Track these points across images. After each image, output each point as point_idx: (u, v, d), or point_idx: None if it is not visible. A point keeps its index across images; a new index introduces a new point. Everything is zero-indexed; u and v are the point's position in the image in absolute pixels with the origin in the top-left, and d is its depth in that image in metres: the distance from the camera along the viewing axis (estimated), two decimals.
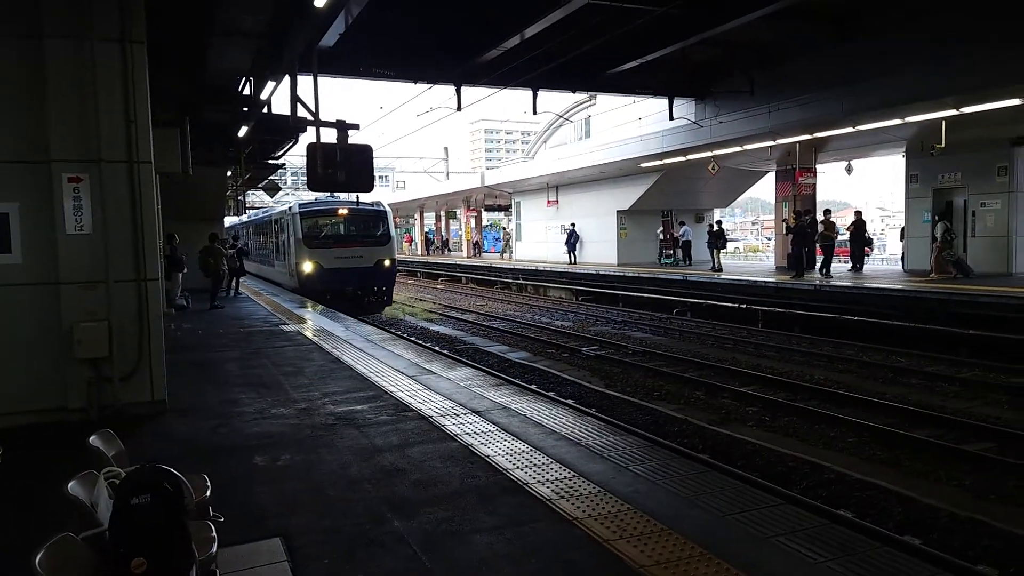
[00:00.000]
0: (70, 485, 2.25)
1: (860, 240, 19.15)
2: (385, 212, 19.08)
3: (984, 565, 4.56)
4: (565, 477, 4.20)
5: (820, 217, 18.22)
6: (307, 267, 17.63)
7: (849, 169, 20.50)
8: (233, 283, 18.21)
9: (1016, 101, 11.62)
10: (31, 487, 4.15)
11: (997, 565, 4.56)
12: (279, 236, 20.83)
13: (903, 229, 19.15)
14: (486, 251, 41.24)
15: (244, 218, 30.79)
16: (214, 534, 2.51)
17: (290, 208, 19.00)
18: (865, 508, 5.53)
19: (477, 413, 5.76)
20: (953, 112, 12.72)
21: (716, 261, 20.82)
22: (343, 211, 18.47)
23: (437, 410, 5.89)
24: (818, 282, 15.48)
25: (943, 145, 14.42)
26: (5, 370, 5.67)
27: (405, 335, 14.30)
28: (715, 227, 22.28)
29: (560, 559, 3.20)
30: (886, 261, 26.82)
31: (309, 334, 10.82)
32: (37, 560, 1.73)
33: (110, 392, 5.84)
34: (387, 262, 18.37)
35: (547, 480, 4.15)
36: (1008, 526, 5.05)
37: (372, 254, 18.14)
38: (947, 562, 4.47)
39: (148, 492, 2.03)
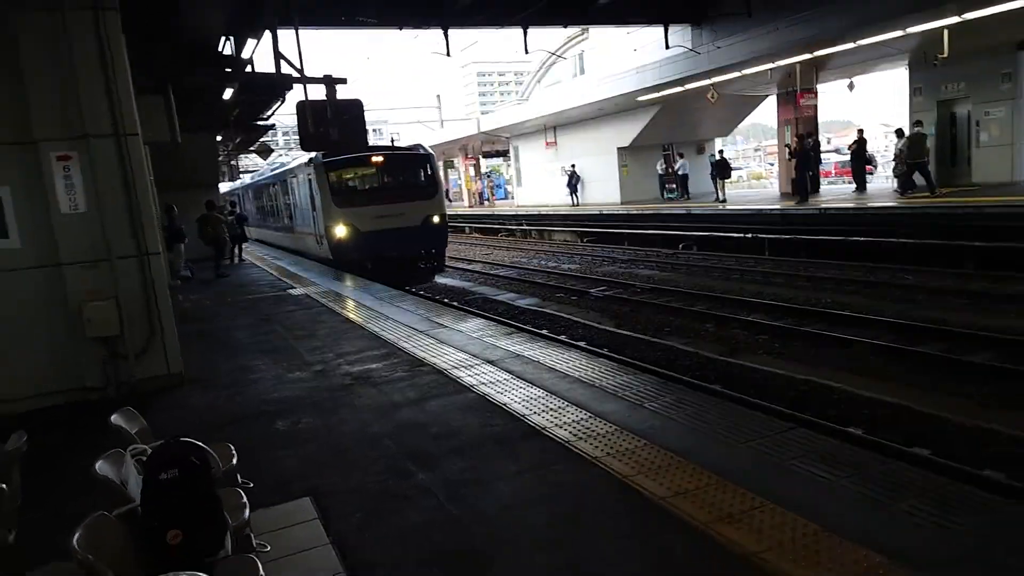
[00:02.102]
0: (98, 465, 2.30)
1: (862, 160, 18.85)
2: (429, 156, 15.47)
3: (991, 470, 4.67)
4: (581, 419, 4.27)
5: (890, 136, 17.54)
6: (339, 231, 14.20)
7: (851, 87, 19.96)
8: (236, 250, 18.17)
9: (1020, 3, 11.16)
10: (59, 468, 4.26)
11: (1003, 469, 4.67)
12: (297, 195, 17.35)
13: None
14: (499, 199, 39.27)
15: (247, 179, 28.69)
16: (245, 500, 2.58)
17: (311, 159, 15.11)
18: (875, 425, 5.63)
19: (491, 363, 5.82)
20: (956, 19, 12.27)
21: (720, 192, 20.59)
22: (377, 158, 14.86)
23: (451, 363, 5.96)
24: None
25: (946, 55, 13.97)
26: (20, 355, 5.73)
27: (413, 290, 14.34)
28: (718, 157, 21.95)
29: (582, 498, 3.28)
30: (891, 180, 26.42)
31: (318, 296, 10.86)
32: (75, 540, 1.78)
33: (126, 369, 5.91)
34: (436, 218, 14.91)
35: (564, 423, 4.22)
36: (1012, 430, 5.15)
37: (418, 210, 14.62)
38: (955, 470, 4.58)
39: (176, 466, 2.08)
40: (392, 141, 15.35)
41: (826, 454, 3.45)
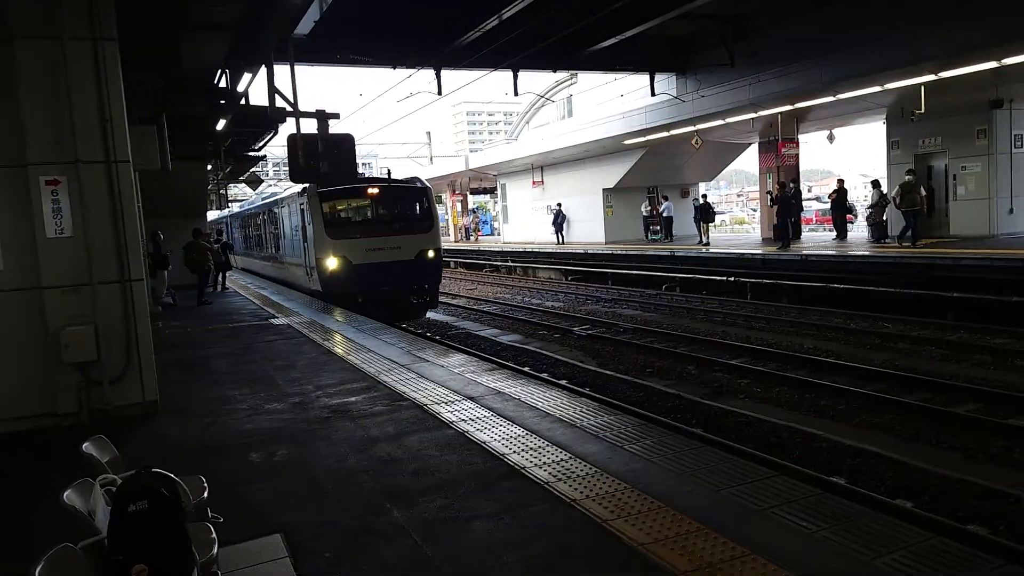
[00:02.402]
0: (66, 494, 2.24)
1: (842, 208, 19.31)
2: (426, 189, 15.08)
3: (975, 525, 4.67)
4: (561, 459, 4.23)
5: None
6: (331, 264, 13.82)
7: (831, 138, 20.59)
8: (219, 278, 18.06)
9: (993, 64, 11.66)
10: (27, 497, 4.13)
11: (988, 524, 4.67)
12: (288, 226, 16.90)
13: (885, 195, 19.33)
14: (485, 235, 39.60)
15: (235, 208, 28.43)
16: (214, 535, 2.51)
17: (304, 189, 14.58)
18: (858, 474, 5.63)
19: (472, 399, 5.78)
20: (932, 77, 12.77)
21: (703, 235, 20.92)
22: (373, 190, 14.47)
23: (431, 398, 5.90)
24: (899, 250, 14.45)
25: (923, 110, 14.50)
26: None
27: (395, 323, 14.26)
28: (701, 201, 22.36)
29: (560, 541, 3.23)
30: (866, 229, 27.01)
31: (299, 327, 10.77)
32: (37, 572, 1.72)
33: (100, 395, 5.79)
34: (431, 253, 14.48)
35: (544, 463, 4.18)
36: (996, 484, 5.16)
37: (412, 244, 14.27)
38: (939, 524, 4.57)
39: (145, 498, 2.03)
40: (388, 173, 15.20)
41: (808, 504, 3.43)
